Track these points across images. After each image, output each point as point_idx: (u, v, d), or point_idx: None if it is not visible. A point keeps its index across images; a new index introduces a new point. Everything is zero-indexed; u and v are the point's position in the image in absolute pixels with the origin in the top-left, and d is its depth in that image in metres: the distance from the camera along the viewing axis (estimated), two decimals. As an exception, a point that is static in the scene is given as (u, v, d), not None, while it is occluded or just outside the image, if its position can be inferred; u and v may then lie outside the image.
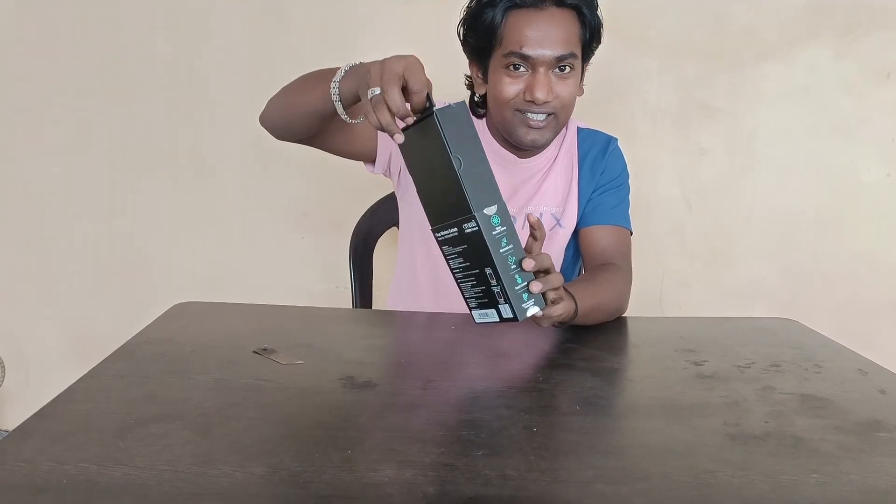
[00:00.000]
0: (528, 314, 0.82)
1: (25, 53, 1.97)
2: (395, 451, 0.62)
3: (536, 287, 0.82)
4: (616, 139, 1.27)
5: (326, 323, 1.07)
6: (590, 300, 1.00)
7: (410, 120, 0.80)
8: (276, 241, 2.02)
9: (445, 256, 0.87)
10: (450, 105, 0.79)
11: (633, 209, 1.27)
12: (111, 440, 0.63)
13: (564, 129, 1.24)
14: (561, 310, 0.90)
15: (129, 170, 2.02)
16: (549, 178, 1.22)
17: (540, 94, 1.07)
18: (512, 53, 1.07)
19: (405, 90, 0.80)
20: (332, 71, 0.94)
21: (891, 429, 0.71)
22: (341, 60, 0.94)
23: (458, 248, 0.83)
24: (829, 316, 1.89)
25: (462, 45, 1.17)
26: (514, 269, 0.81)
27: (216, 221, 2.03)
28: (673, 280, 1.97)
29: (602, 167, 1.23)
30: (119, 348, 0.88)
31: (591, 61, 1.19)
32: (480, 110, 1.23)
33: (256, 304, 1.11)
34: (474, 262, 0.82)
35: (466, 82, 1.24)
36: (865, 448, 0.66)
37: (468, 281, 0.85)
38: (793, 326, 1.11)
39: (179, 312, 1.06)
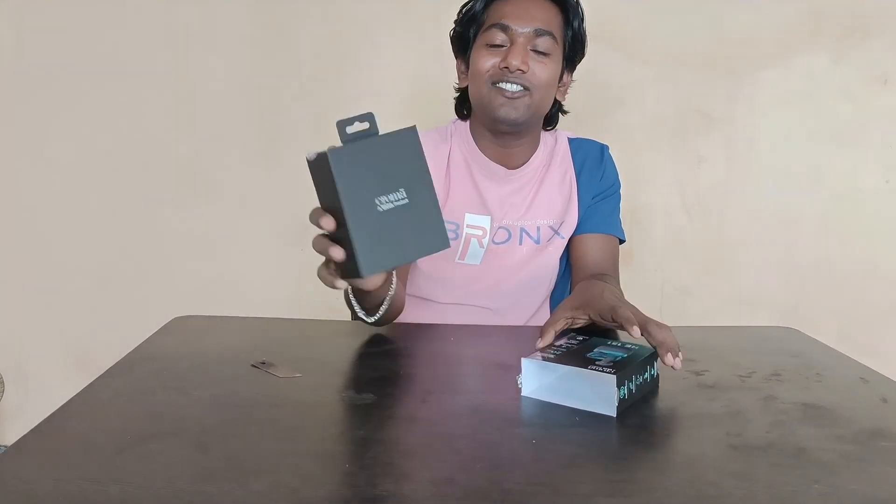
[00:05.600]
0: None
1: (27, 66, 1.98)
2: (394, 465, 0.62)
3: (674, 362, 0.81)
4: (608, 146, 1.28)
5: (325, 336, 1.07)
6: None
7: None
8: (275, 253, 2.02)
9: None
10: (333, 147, 0.70)
11: (632, 217, 1.27)
12: (109, 458, 0.63)
13: (554, 140, 1.25)
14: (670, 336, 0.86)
15: (129, 183, 2.02)
16: (543, 190, 1.21)
17: (514, 61, 1.09)
18: (492, 26, 1.12)
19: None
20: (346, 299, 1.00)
21: (893, 437, 0.70)
22: (339, 74, 0.95)
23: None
24: (831, 323, 1.89)
25: (451, 44, 1.22)
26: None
27: (216, 234, 2.03)
28: (673, 289, 1.97)
29: (600, 174, 1.24)
30: (117, 363, 0.87)
31: (574, 77, 1.22)
32: (465, 111, 1.25)
33: (255, 318, 1.11)
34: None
35: (456, 95, 1.26)
36: (867, 457, 0.66)
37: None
38: (793, 335, 1.10)
39: (178, 326, 1.06)
